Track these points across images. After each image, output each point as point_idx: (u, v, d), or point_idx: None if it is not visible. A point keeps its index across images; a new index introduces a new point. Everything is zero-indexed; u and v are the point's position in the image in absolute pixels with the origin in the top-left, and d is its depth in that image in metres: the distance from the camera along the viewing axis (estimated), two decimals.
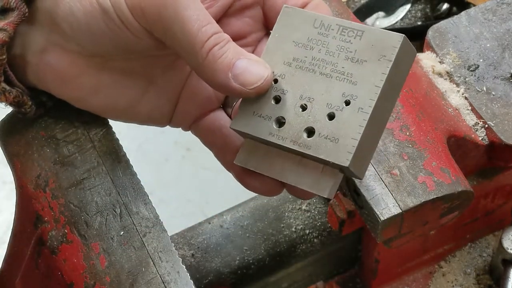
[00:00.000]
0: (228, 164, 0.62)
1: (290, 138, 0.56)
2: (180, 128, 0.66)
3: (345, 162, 0.53)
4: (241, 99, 0.59)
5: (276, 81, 0.57)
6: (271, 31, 0.59)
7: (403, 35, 0.55)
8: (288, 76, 0.57)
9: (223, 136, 0.62)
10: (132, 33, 0.57)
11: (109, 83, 0.62)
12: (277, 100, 0.57)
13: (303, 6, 0.59)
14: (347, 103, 0.54)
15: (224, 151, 0.62)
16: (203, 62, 0.56)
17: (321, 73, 0.56)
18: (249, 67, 0.56)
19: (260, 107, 0.57)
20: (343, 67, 0.55)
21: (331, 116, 0.55)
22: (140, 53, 0.60)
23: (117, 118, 0.65)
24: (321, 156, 0.54)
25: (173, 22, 0.55)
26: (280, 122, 0.56)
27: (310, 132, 0.55)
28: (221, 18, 0.62)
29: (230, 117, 0.63)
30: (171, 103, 0.64)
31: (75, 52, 0.60)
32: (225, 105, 0.64)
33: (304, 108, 0.56)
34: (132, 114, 0.64)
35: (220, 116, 0.64)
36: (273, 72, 0.57)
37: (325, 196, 0.55)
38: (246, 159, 0.58)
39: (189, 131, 0.66)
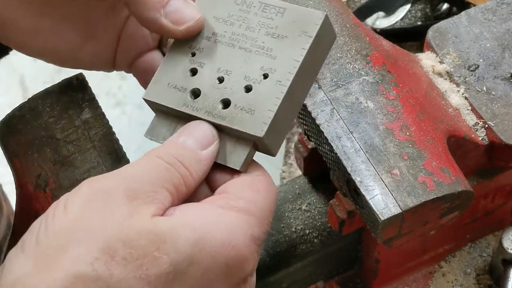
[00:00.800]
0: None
1: (205, 109, 0.55)
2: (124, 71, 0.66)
3: (260, 133, 0.53)
4: (158, 68, 0.58)
5: (194, 54, 0.57)
6: None
7: (325, 12, 0.55)
8: (206, 49, 0.57)
9: None
10: None
11: (49, 27, 0.62)
12: (194, 72, 0.57)
13: None
14: (266, 76, 0.55)
15: None
16: None
17: (240, 47, 0.56)
18: (183, 7, 0.57)
19: (175, 78, 0.57)
20: (263, 42, 0.56)
21: (248, 89, 0.55)
22: None
23: (61, 63, 0.65)
24: (236, 127, 0.54)
25: None
26: (196, 94, 0.56)
27: (226, 104, 0.55)
28: None
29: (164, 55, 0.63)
30: (112, 46, 0.64)
31: None
32: (160, 45, 0.64)
33: (221, 80, 0.56)
34: (74, 59, 0.64)
35: (156, 57, 0.64)
36: (191, 46, 0.57)
37: (237, 169, 0.54)
38: (157, 133, 0.57)
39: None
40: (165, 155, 0.52)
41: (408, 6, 1.05)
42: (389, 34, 0.98)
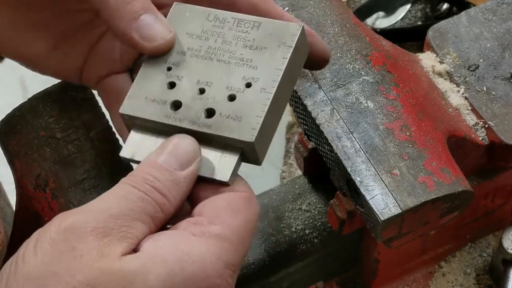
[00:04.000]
0: (121, 131, 0.61)
1: (188, 119, 0.54)
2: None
3: (251, 138, 0.53)
4: (134, 81, 0.57)
5: (169, 68, 0.57)
6: None
7: (302, 24, 0.56)
8: (183, 63, 0.57)
9: (120, 100, 0.59)
10: None
11: (20, 33, 0.62)
12: (172, 85, 0.56)
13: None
14: (248, 85, 0.55)
15: (120, 124, 0.61)
16: (108, 4, 0.56)
17: (218, 60, 0.56)
18: (154, 24, 0.56)
19: (153, 92, 0.56)
20: (241, 54, 0.56)
21: (232, 97, 0.55)
22: (58, 6, 0.61)
23: (33, 68, 0.65)
24: (224, 134, 0.53)
25: None
26: (177, 106, 0.55)
27: (210, 113, 0.54)
28: None
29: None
30: (80, 59, 0.64)
31: None
32: (132, 71, 0.64)
33: (202, 91, 0.55)
34: (42, 65, 0.64)
35: (123, 80, 0.63)
36: (166, 60, 0.57)
37: (226, 181, 0.53)
38: (133, 151, 0.56)
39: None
40: (139, 183, 0.50)
41: (408, 6, 1.05)
42: (389, 34, 0.98)
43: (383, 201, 0.61)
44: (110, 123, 0.66)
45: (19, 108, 0.68)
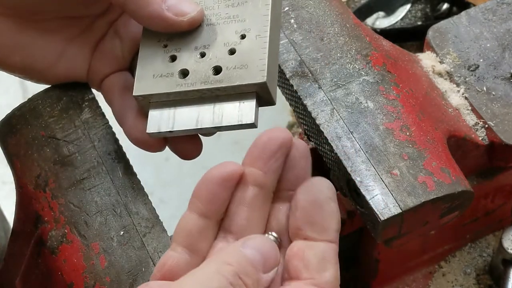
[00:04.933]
0: (125, 126, 0.63)
1: (199, 81, 0.58)
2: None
3: (262, 78, 0.56)
4: (137, 66, 0.60)
5: (165, 45, 0.60)
6: None
7: None
8: (175, 37, 0.60)
9: (122, 96, 0.63)
10: None
11: (26, 44, 0.63)
12: (173, 58, 0.59)
13: None
14: (243, 36, 0.59)
15: (121, 112, 0.63)
16: None
17: (207, 25, 0.60)
18: (182, 0, 0.58)
19: (158, 69, 0.59)
20: (227, 13, 0.60)
21: (232, 52, 0.58)
22: (61, 12, 0.61)
23: (37, 80, 0.66)
24: (237, 82, 0.57)
25: None
26: (185, 74, 0.59)
27: (218, 70, 0.58)
28: None
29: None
30: (86, 62, 0.65)
31: None
32: (131, 67, 0.65)
33: (203, 55, 0.59)
34: (50, 75, 0.65)
35: (125, 76, 0.65)
36: (160, 39, 0.60)
37: (251, 122, 0.56)
38: (158, 124, 0.59)
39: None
40: (230, 272, 0.48)
41: (408, 6, 1.05)
42: (389, 34, 0.98)
43: (383, 201, 0.61)
44: (110, 122, 0.66)
45: (19, 108, 0.68)
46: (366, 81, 0.67)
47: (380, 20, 1.04)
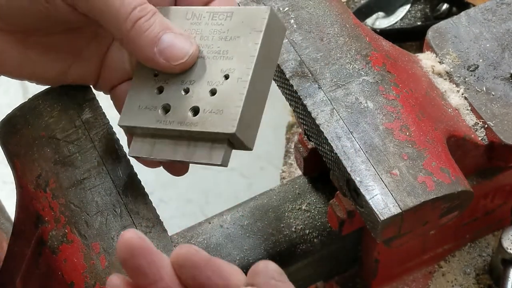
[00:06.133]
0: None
1: (177, 121, 0.58)
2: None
3: (231, 129, 0.55)
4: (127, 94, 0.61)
5: (156, 74, 0.60)
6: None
7: (270, 7, 0.57)
8: None
9: None
10: (56, 10, 0.58)
11: (35, 57, 0.63)
12: (161, 90, 0.59)
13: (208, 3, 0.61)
14: (227, 77, 0.57)
15: None
16: (128, 35, 0.57)
17: (199, 57, 0.59)
18: (175, 41, 0.57)
19: (144, 100, 0.60)
20: (218, 47, 0.58)
21: (213, 92, 0.57)
22: (64, 27, 0.61)
23: (47, 85, 0.67)
24: (208, 130, 0.56)
25: None
26: (166, 109, 0.59)
27: (196, 111, 0.57)
28: None
29: None
30: (95, 70, 0.65)
31: None
32: None
33: (187, 91, 0.58)
34: (62, 82, 0.66)
35: None
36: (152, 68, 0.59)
37: (219, 163, 0.56)
38: (139, 150, 0.60)
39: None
40: None
41: (408, 6, 1.05)
42: (389, 34, 0.98)
43: (382, 201, 0.61)
44: (111, 123, 0.66)
45: (19, 108, 0.68)
46: (366, 81, 0.67)
47: (380, 20, 1.04)
